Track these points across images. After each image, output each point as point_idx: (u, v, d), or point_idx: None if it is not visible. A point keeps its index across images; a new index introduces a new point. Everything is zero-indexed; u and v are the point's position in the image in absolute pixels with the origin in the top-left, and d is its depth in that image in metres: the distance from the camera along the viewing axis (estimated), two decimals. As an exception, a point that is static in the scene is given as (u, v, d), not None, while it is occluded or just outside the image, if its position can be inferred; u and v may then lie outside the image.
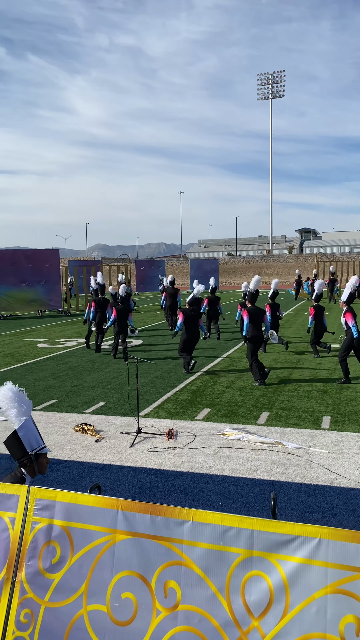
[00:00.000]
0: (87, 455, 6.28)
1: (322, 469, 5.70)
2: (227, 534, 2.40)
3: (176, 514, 2.49)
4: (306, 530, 2.29)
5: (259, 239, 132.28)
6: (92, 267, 26.84)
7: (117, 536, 2.56)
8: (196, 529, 2.45)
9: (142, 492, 5.22)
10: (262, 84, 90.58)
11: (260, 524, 2.36)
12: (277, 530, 2.33)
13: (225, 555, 2.39)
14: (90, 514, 2.62)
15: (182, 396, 8.89)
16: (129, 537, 2.54)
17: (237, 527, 2.39)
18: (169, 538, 2.48)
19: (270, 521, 2.36)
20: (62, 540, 2.63)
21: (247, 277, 62.40)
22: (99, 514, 2.61)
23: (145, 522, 2.52)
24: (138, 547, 2.52)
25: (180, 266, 64.04)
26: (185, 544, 2.46)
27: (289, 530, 2.32)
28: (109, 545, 2.56)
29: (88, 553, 2.58)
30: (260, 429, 7.11)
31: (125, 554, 2.53)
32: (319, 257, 41.87)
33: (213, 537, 2.42)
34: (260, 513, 4.71)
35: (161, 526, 2.50)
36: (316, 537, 2.27)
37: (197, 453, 6.25)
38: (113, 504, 2.60)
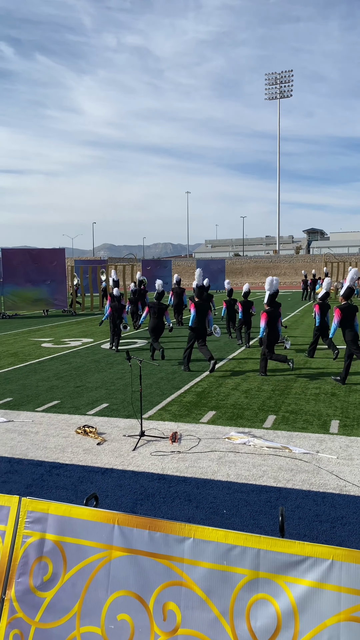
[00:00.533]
0: (89, 459, 6.11)
1: (331, 475, 5.50)
2: (231, 553, 2.22)
3: (176, 530, 2.31)
4: (317, 550, 2.11)
5: (266, 239, 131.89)
6: (98, 267, 26.72)
7: (113, 553, 2.39)
8: (198, 546, 2.27)
9: (143, 499, 5.05)
10: (269, 83, 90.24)
11: (267, 543, 2.18)
12: (285, 550, 2.15)
13: (229, 576, 2.21)
14: (84, 528, 2.45)
15: (187, 398, 8.71)
16: (125, 554, 2.37)
17: (242, 545, 2.21)
18: (169, 556, 2.30)
19: (277, 540, 2.17)
20: (54, 556, 2.46)
21: (254, 277, 62.14)
22: (94, 528, 2.43)
23: (143, 538, 2.35)
24: (135, 565, 2.34)
25: (186, 266, 63.87)
26: (186, 562, 2.28)
27: (299, 550, 2.13)
28: (105, 562, 2.39)
29: (82, 570, 2.41)
30: (267, 432, 6.91)
31: (121, 572, 2.36)
32: (326, 258, 41.56)
33: (216, 555, 2.24)
34: (266, 522, 4.52)
35: (160, 543, 2.32)
36: (328, 559, 2.09)
37: (201, 457, 6.07)
38: (109, 517, 2.43)
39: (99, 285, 27.03)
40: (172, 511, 4.78)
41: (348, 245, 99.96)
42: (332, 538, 4.24)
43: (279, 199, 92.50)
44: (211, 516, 4.67)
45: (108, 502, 4.97)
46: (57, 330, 18.67)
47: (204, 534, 2.28)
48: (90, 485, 5.39)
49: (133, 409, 8.02)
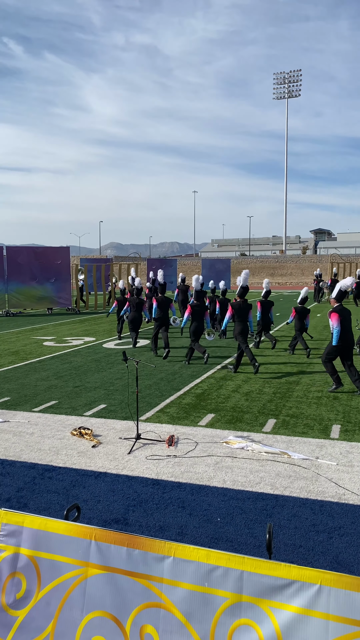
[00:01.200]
0: (83, 462, 5.98)
1: (330, 483, 5.34)
2: (214, 574, 2.08)
3: (156, 548, 2.17)
4: (305, 574, 1.96)
5: (272, 239, 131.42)
6: (103, 265, 26.61)
7: (90, 570, 2.25)
8: (178, 566, 2.13)
9: (136, 505, 4.91)
10: (278, 83, 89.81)
11: (251, 564, 2.04)
12: (270, 573, 2.00)
13: (210, 599, 2.07)
14: (60, 544, 2.32)
15: (186, 400, 8.57)
16: (102, 571, 2.23)
17: (224, 566, 2.07)
18: (147, 575, 2.17)
19: (262, 561, 2.03)
20: (28, 572, 2.33)
21: (260, 277, 61.86)
22: (70, 543, 2.30)
23: (121, 556, 2.21)
24: (112, 584, 2.21)
25: (192, 265, 63.70)
26: (165, 583, 2.14)
27: (285, 573, 1.99)
28: (80, 580, 2.25)
29: (57, 588, 2.28)
30: (266, 437, 6.76)
31: (97, 591, 2.22)
32: (333, 258, 41.25)
33: (197, 576, 2.10)
34: (261, 532, 4.37)
35: (139, 561, 2.18)
36: (316, 584, 1.94)
37: (197, 462, 5.93)
38: (86, 532, 2.29)
39: (103, 284, 26.93)
40: (164, 518, 4.64)
41: (355, 246, 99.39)
42: (329, 549, 4.09)
43: (286, 199, 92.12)
44: (204, 524, 4.53)
45: (99, 508, 4.85)
46: (60, 329, 18.58)
47: (184, 553, 2.14)
48: (83, 489, 5.26)
49: (130, 411, 7.89)
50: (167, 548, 2.16)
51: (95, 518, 4.66)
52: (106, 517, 4.69)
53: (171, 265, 37.15)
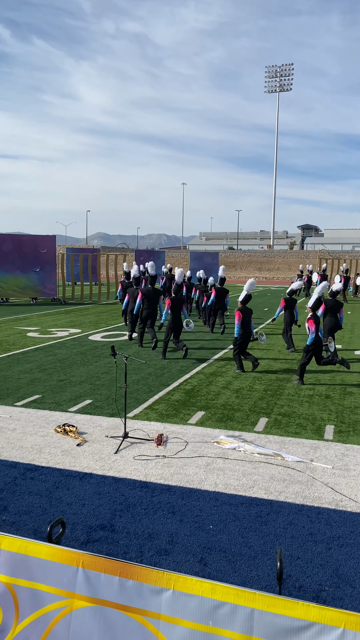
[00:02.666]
0: (67, 462, 5.68)
1: (326, 488, 5.11)
2: (219, 612, 1.80)
3: (153, 579, 1.89)
4: (326, 615, 1.70)
5: (260, 234, 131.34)
6: (90, 255, 26.16)
7: (76, 602, 1.97)
8: (178, 600, 1.86)
9: (123, 509, 4.63)
10: (269, 76, 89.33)
11: (263, 602, 1.77)
12: (286, 612, 1.74)
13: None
14: (42, 570, 2.02)
15: (175, 396, 8.29)
16: (90, 604, 1.95)
17: (232, 602, 1.80)
18: (143, 610, 1.89)
19: (277, 598, 1.76)
20: (5, 602, 2.04)
21: (248, 271, 61.75)
22: (54, 570, 2.01)
23: (112, 587, 1.93)
24: (101, 619, 1.92)
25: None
26: (163, 619, 1.86)
27: (303, 613, 1.72)
28: (65, 613, 1.97)
29: (37, 622, 1.99)
30: (258, 437, 6.52)
31: (84, 627, 1.94)
32: (321, 254, 41.19)
33: (200, 613, 1.82)
34: (256, 541, 4.12)
35: (133, 593, 1.90)
36: (339, 627, 1.68)
37: (187, 463, 5.66)
38: (72, 558, 2.00)
39: (90, 275, 26.47)
40: (153, 524, 4.37)
41: (342, 243, 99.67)
42: (328, 562, 3.86)
43: (275, 194, 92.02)
44: (196, 532, 4.27)
45: (84, 512, 4.56)
46: (45, 320, 18.16)
47: (186, 586, 1.87)
48: (67, 492, 4.96)
49: (117, 408, 7.59)
50: (166, 579, 1.88)
51: (79, 524, 4.37)
52: (91, 522, 4.40)
53: (159, 257, 36.75)
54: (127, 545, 4.04)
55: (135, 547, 4.02)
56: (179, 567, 3.76)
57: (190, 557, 3.90)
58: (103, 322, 17.54)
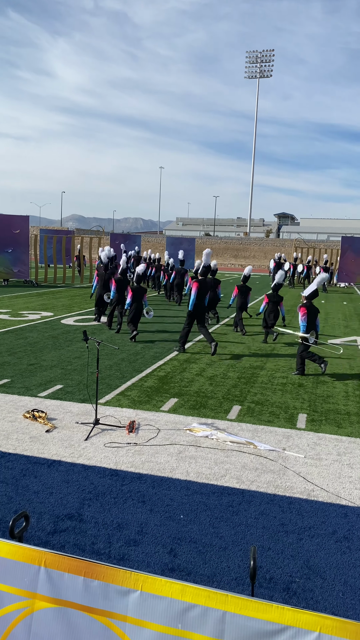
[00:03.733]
0: (35, 448, 5.53)
1: (298, 477, 5.09)
2: (189, 614, 1.71)
3: (120, 579, 1.78)
4: (301, 619, 1.62)
5: (237, 221, 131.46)
6: (64, 237, 25.68)
7: (37, 603, 1.85)
8: (146, 602, 1.76)
9: (92, 498, 4.52)
10: (250, 62, 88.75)
11: (236, 604, 1.68)
12: (259, 616, 1.65)
13: (184, 644, 1.70)
14: (1, 569, 1.89)
15: (148, 382, 8.19)
16: (52, 605, 1.83)
17: (203, 605, 1.70)
18: (108, 612, 1.78)
19: (250, 601, 1.67)
20: None
21: (224, 258, 61.78)
22: (14, 570, 1.88)
23: (76, 587, 1.81)
24: (64, 620, 1.81)
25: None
26: (129, 622, 1.76)
27: (277, 616, 1.64)
28: (25, 614, 1.85)
29: (-5, 624, 1.87)
30: (231, 425, 6.47)
31: (45, 630, 1.82)
32: (296, 243, 41.42)
33: (169, 616, 1.73)
34: (227, 531, 4.07)
35: (98, 594, 1.79)
36: (314, 631, 1.60)
37: (159, 451, 5.57)
38: (34, 557, 1.88)
39: (63, 257, 26.02)
40: (123, 514, 4.28)
41: (317, 232, 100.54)
42: (299, 553, 3.83)
43: (253, 181, 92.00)
44: (166, 522, 4.19)
45: (52, 501, 4.43)
46: (16, 302, 17.77)
47: (154, 587, 1.76)
48: (34, 479, 4.82)
49: (88, 394, 7.44)
50: (134, 580, 1.78)
51: (46, 513, 4.24)
52: (59, 511, 4.28)
53: (135, 241, 36.37)
54: (95, 536, 3.94)
55: (103, 538, 3.92)
56: (148, 559, 3.68)
57: (160, 547, 3.83)
58: (76, 306, 17.27)
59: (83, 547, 3.78)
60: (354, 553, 3.84)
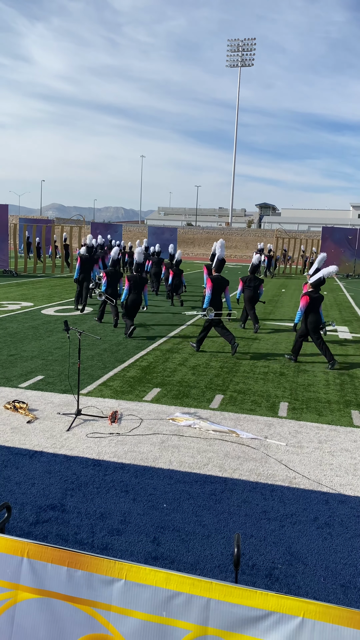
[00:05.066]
0: (16, 439, 5.48)
1: (280, 465, 5.14)
2: (173, 602, 1.71)
3: (104, 569, 1.78)
4: (285, 604, 1.63)
5: (218, 211, 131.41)
6: (43, 226, 25.37)
7: (20, 594, 1.83)
8: (130, 591, 1.75)
9: (75, 489, 4.50)
10: (231, 50, 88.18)
11: (220, 591, 1.69)
12: (243, 602, 1.66)
13: (169, 632, 1.71)
14: (-17, 561, 1.87)
15: (131, 373, 8.16)
16: (36, 596, 1.82)
17: (187, 592, 1.70)
18: (92, 602, 1.77)
19: (234, 588, 1.68)
20: None
21: (206, 248, 61.72)
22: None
23: (60, 577, 1.80)
24: (48, 611, 1.80)
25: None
26: (114, 611, 1.76)
27: (261, 602, 1.65)
28: (8, 605, 1.83)
29: (-23, 616, 1.85)
30: (214, 414, 6.50)
31: (29, 620, 1.81)
32: (278, 233, 41.57)
33: (153, 604, 1.73)
34: (210, 519, 4.09)
35: (82, 584, 1.78)
36: (298, 616, 1.62)
37: (142, 441, 5.57)
38: (17, 548, 1.86)
39: (43, 247, 25.71)
40: (106, 504, 4.27)
41: (298, 222, 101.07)
42: (281, 539, 3.88)
43: (234, 171, 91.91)
44: (149, 511, 4.20)
45: (34, 492, 4.40)
46: (-4, 292, 17.54)
47: (138, 575, 1.76)
48: (16, 470, 4.78)
49: (69, 384, 7.39)
50: (118, 569, 1.77)
51: (28, 504, 4.22)
52: (41, 502, 4.26)
53: (116, 230, 36.10)
54: (78, 526, 3.93)
55: (86, 528, 3.91)
56: (131, 548, 3.68)
57: (143, 536, 3.83)
58: (57, 296, 17.11)
59: (66, 538, 3.77)
60: (335, 539, 3.90)
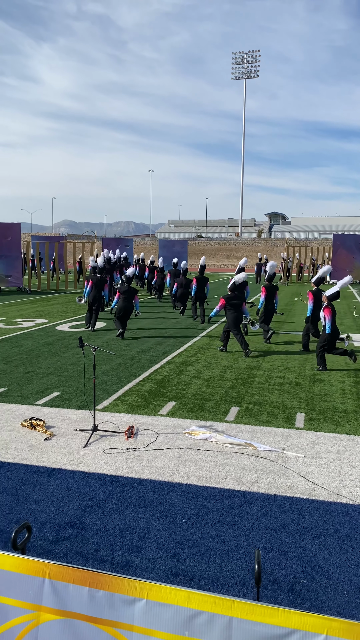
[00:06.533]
0: (34, 457, 5.51)
1: (298, 477, 5.10)
2: (196, 621, 1.71)
3: (125, 589, 1.78)
4: (308, 622, 1.62)
5: (228, 222, 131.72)
6: (56, 243, 25.64)
7: (42, 615, 1.84)
8: (152, 610, 1.75)
9: (93, 505, 4.51)
10: (236, 63, 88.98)
11: (242, 609, 1.68)
12: (266, 620, 1.65)
13: (191, 651, 1.70)
14: (5, 582, 1.89)
15: (145, 387, 8.18)
16: (58, 617, 1.83)
17: (209, 611, 1.70)
18: (114, 622, 1.78)
19: (256, 606, 1.67)
20: (-35, 618, 1.89)
21: (216, 259, 61.89)
22: (18, 582, 1.87)
23: (81, 598, 1.81)
24: (70, 632, 1.80)
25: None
26: (136, 631, 1.76)
27: (284, 620, 1.64)
28: (31, 627, 1.84)
29: (0, 638, 1.85)
30: (230, 426, 6.47)
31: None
32: (289, 242, 41.53)
33: (175, 624, 1.73)
34: (229, 534, 4.07)
35: (103, 604, 1.79)
36: (322, 634, 1.61)
37: (159, 455, 5.56)
38: (38, 569, 1.87)
39: (47, 262, 25.96)
40: (125, 520, 4.27)
41: (309, 230, 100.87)
42: (302, 553, 3.83)
43: (243, 181, 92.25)
44: (168, 526, 4.18)
45: (53, 510, 4.41)
46: (10, 309, 17.72)
47: (160, 595, 1.76)
48: (34, 488, 4.80)
49: (85, 400, 7.42)
50: (139, 588, 1.77)
51: (48, 522, 4.23)
52: (60, 520, 4.27)
53: (127, 244, 36.34)
54: (97, 543, 3.93)
55: (106, 545, 3.91)
56: (151, 564, 3.67)
57: (163, 553, 3.82)
58: (70, 312, 17.24)
59: (86, 555, 3.77)
60: (357, 551, 3.85)
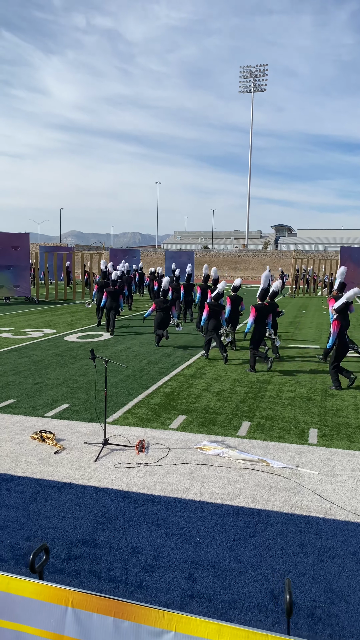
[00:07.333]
0: (45, 471, 5.43)
1: (314, 495, 4.99)
2: (227, 656, 1.62)
3: (152, 620, 1.70)
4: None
5: (234, 233, 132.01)
6: (64, 254, 25.71)
7: (65, 646, 1.76)
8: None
9: (105, 522, 4.41)
10: (244, 76, 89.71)
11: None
12: (302, 657, 1.56)
13: None
14: (27, 610, 1.81)
15: (155, 399, 8.09)
16: (81, 648, 1.74)
17: (242, 646, 1.61)
18: (141, 655, 1.69)
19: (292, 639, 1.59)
20: (-16, 647, 1.81)
21: (223, 270, 61.88)
22: (40, 610, 1.80)
23: (106, 628, 1.73)
24: (94, 664, 1.72)
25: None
26: (163, 665, 1.67)
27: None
28: (52, 658, 1.76)
29: (21, 669, 1.77)
30: (242, 442, 6.37)
31: (75, 674, 1.73)
32: (296, 254, 41.50)
33: (206, 658, 1.64)
34: (245, 554, 3.96)
35: (129, 636, 1.70)
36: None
37: (170, 471, 5.47)
38: (61, 596, 1.79)
39: (64, 273, 26.01)
40: (138, 538, 4.17)
41: (315, 243, 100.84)
42: (321, 575, 3.73)
43: (249, 194, 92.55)
44: (182, 545, 4.08)
45: (64, 526, 4.33)
46: (18, 320, 17.72)
47: (189, 627, 1.68)
48: (45, 504, 4.72)
49: (96, 413, 7.34)
50: (167, 620, 1.69)
51: (59, 539, 4.14)
52: (72, 537, 4.18)
53: (134, 255, 36.42)
54: (110, 562, 3.84)
55: (119, 564, 3.81)
56: (166, 585, 3.57)
57: (178, 573, 3.72)
58: (79, 322, 17.22)
59: (99, 575, 3.68)
60: (378, 574, 3.73)
